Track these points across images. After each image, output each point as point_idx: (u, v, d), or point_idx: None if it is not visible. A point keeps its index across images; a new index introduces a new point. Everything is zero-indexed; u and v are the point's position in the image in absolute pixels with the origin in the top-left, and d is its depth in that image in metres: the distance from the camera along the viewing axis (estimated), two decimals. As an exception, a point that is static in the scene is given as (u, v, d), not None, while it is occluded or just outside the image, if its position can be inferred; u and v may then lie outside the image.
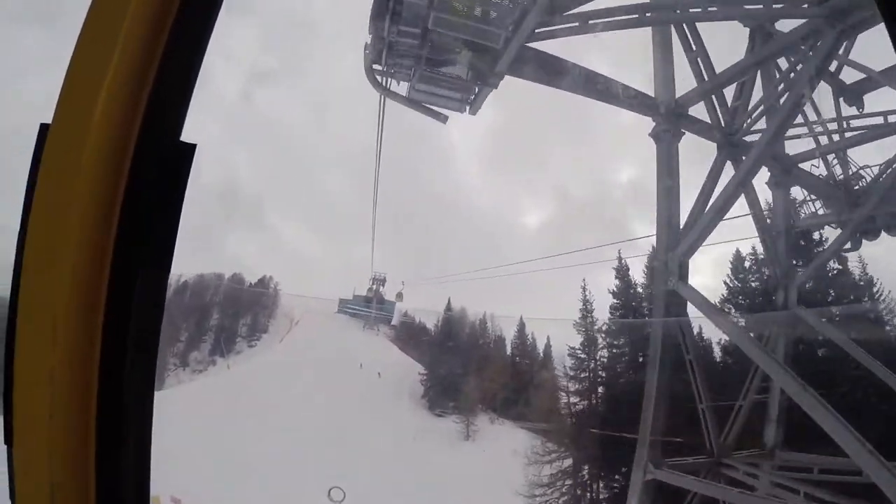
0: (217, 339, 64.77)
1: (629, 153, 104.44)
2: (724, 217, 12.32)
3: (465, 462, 38.52)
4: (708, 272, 45.82)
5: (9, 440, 1.22)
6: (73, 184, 1.19)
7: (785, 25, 11.53)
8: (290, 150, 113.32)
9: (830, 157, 13.33)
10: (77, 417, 1.19)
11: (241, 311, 68.59)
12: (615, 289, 36.94)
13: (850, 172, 13.14)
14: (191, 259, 65.16)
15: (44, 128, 1.23)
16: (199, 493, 28.40)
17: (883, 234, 13.04)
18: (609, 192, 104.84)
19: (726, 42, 13.95)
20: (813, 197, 14.27)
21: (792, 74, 11.77)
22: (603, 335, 37.07)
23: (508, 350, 52.21)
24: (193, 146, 1.27)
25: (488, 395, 46.18)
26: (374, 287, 63.58)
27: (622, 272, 36.92)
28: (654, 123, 13.21)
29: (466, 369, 48.37)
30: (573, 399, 37.36)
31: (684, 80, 12.96)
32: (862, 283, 28.29)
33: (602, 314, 37.87)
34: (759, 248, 30.45)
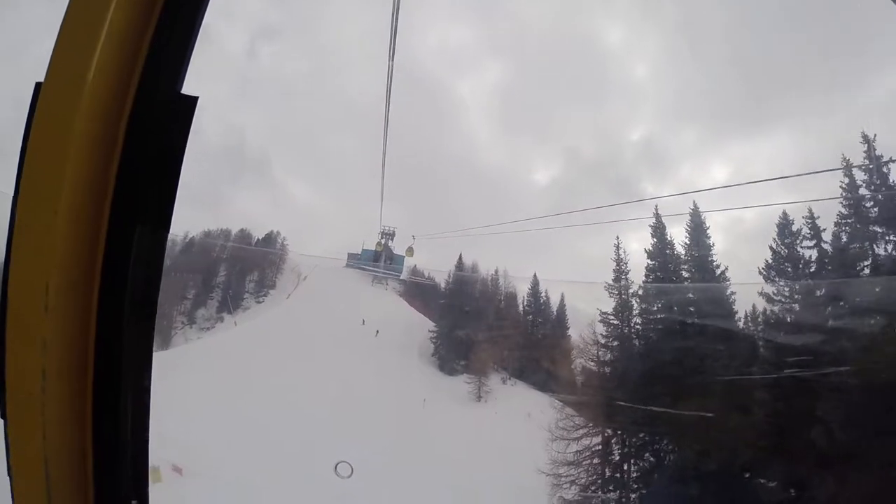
0: (224, 295, 63.89)
1: (641, 112, 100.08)
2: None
3: (477, 424, 37.13)
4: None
5: (2, 412, 1.20)
6: (66, 140, 1.14)
7: None
8: (297, 107, 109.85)
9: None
10: (72, 386, 1.17)
11: (249, 268, 67.41)
12: (651, 248, 33.96)
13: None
14: (197, 216, 65.78)
15: (38, 86, 1.18)
16: (200, 458, 27.25)
17: None
18: (620, 151, 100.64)
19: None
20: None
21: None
22: (636, 299, 34.21)
23: (521, 309, 50.29)
24: (195, 98, 1.23)
25: (501, 355, 44.60)
26: (383, 241, 61.38)
27: (659, 230, 34.04)
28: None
29: (478, 327, 46.68)
30: (600, 367, 34.74)
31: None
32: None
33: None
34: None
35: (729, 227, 74.33)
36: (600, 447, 30.10)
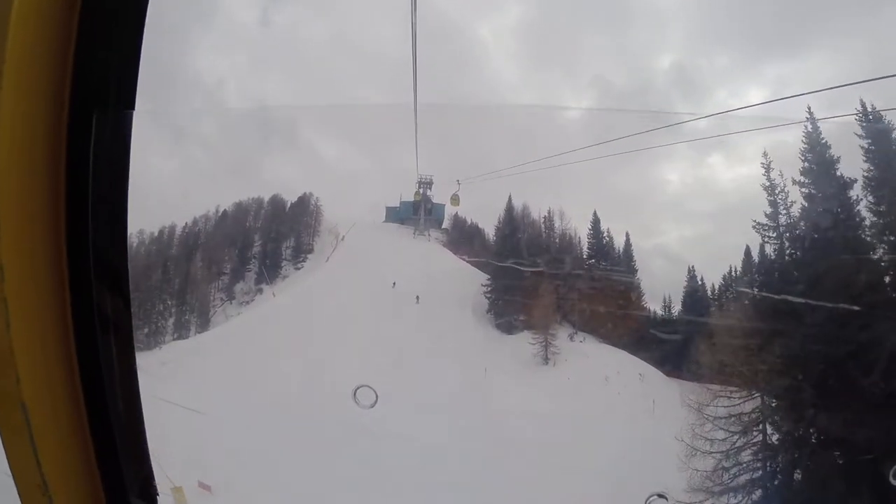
0: (261, 265, 60.77)
1: (670, 37, 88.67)
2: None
3: (549, 393, 32.25)
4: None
5: None
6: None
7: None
8: (318, 68, 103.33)
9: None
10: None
11: (284, 234, 63.43)
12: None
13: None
14: (228, 188, 61.44)
15: None
16: (232, 468, 23.47)
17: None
18: (651, 79, 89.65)
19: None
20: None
21: None
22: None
23: (583, 253, 44.37)
24: None
25: (565, 307, 39.04)
26: (422, 191, 56.27)
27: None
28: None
29: (536, 277, 41.10)
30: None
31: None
32: None
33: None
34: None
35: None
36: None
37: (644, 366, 35.60)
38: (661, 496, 21.09)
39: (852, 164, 26.18)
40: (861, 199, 25.69)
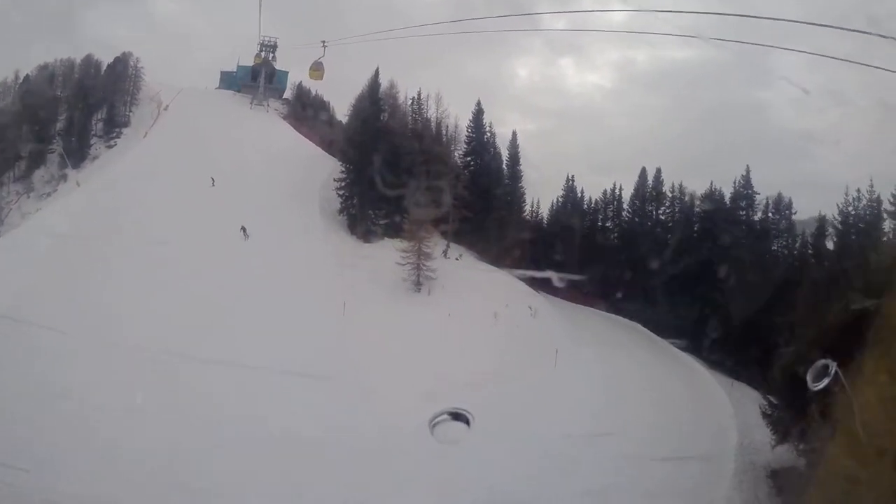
0: (66, 145, 47.59)
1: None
2: None
3: (423, 337, 24.87)
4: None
5: None
6: None
7: None
8: None
9: None
10: None
11: (96, 104, 49.96)
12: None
13: None
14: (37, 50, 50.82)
15: None
16: None
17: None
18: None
19: None
20: None
21: None
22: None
23: (462, 149, 36.41)
24: None
25: (440, 215, 30.94)
26: (263, 54, 46.37)
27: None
28: None
29: (403, 172, 32.80)
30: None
31: None
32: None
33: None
34: None
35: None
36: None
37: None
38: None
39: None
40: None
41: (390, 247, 31.51)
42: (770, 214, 32.38)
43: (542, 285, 31.48)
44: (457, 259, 31.85)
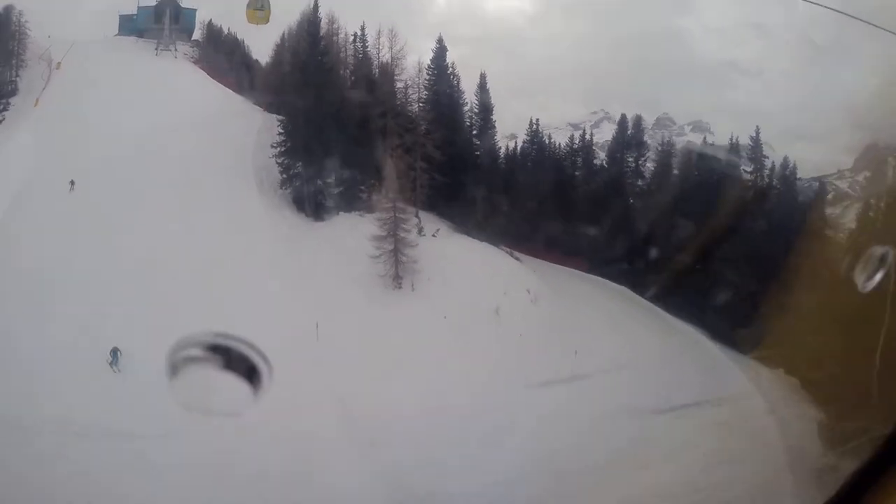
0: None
1: None
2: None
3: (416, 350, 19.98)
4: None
5: None
6: None
7: None
8: None
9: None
10: None
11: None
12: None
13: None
14: None
15: None
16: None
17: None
18: None
19: None
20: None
21: None
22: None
23: (423, 94, 29.61)
24: None
25: (409, 181, 25.06)
26: None
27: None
28: None
29: (357, 128, 26.37)
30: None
31: None
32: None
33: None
34: None
35: None
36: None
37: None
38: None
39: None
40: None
41: (348, 222, 26.23)
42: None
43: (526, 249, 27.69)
44: (433, 236, 26.39)
